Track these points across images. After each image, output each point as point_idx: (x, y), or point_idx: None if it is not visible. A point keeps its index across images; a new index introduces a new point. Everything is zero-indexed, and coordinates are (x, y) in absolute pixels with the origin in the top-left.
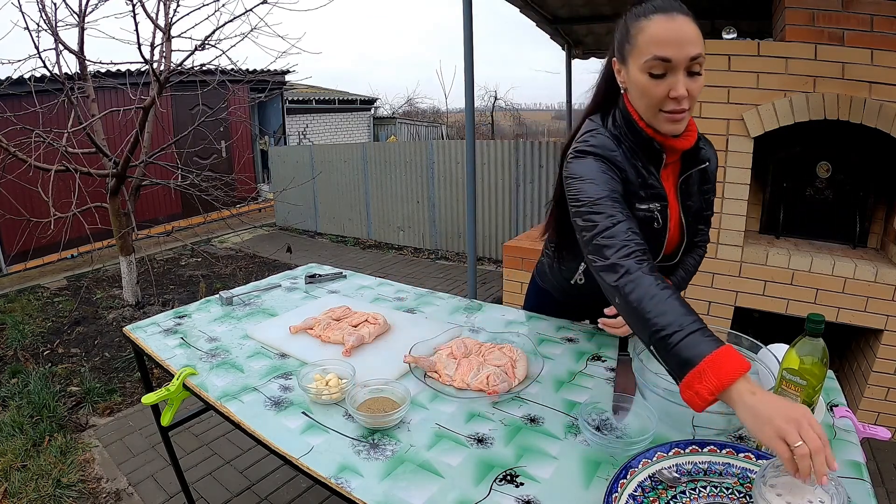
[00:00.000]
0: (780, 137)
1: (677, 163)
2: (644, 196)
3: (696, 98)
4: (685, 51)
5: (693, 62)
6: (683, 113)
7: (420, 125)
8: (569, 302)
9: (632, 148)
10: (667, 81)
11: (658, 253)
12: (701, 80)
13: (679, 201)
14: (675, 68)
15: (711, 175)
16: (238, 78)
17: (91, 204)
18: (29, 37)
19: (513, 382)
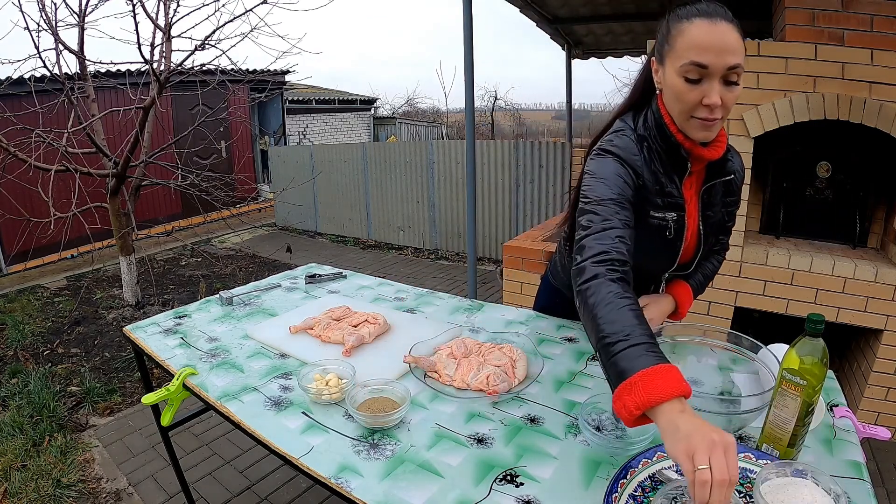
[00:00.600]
0: (780, 137)
1: (702, 171)
2: (661, 204)
3: (730, 108)
4: (723, 59)
5: (730, 71)
6: (715, 121)
7: (420, 125)
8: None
9: (657, 151)
10: (701, 88)
11: (673, 261)
12: (737, 91)
13: (699, 211)
14: (712, 75)
15: (737, 188)
16: (238, 78)
17: (91, 204)
18: (29, 37)
19: (513, 382)
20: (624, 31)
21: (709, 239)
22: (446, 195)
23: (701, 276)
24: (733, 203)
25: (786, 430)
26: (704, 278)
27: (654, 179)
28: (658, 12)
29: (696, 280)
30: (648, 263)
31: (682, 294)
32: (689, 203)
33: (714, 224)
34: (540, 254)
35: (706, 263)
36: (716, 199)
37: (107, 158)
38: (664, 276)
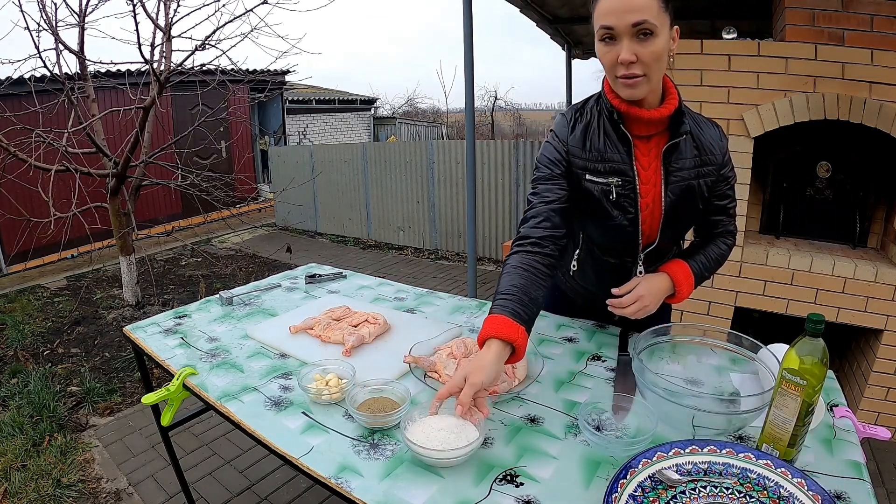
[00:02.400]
0: (780, 137)
1: (663, 135)
2: (601, 170)
3: (651, 63)
4: (626, 18)
5: (637, 27)
6: (637, 78)
7: (420, 125)
8: (575, 297)
9: (603, 122)
10: (615, 48)
11: (635, 230)
12: (653, 45)
13: (662, 175)
14: (620, 35)
15: (711, 154)
16: (238, 78)
17: (91, 204)
18: (29, 37)
19: (513, 382)
20: None
21: (675, 209)
22: (446, 195)
23: (703, 257)
24: (711, 173)
25: (786, 429)
26: (708, 260)
27: (589, 145)
28: None
29: (697, 261)
30: (610, 234)
31: (679, 272)
32: (648, 169)
33: (680, 190)
34: None
35: (710, 246)
36: (681, 164)
37: (107, 158)
38: (640, 253)
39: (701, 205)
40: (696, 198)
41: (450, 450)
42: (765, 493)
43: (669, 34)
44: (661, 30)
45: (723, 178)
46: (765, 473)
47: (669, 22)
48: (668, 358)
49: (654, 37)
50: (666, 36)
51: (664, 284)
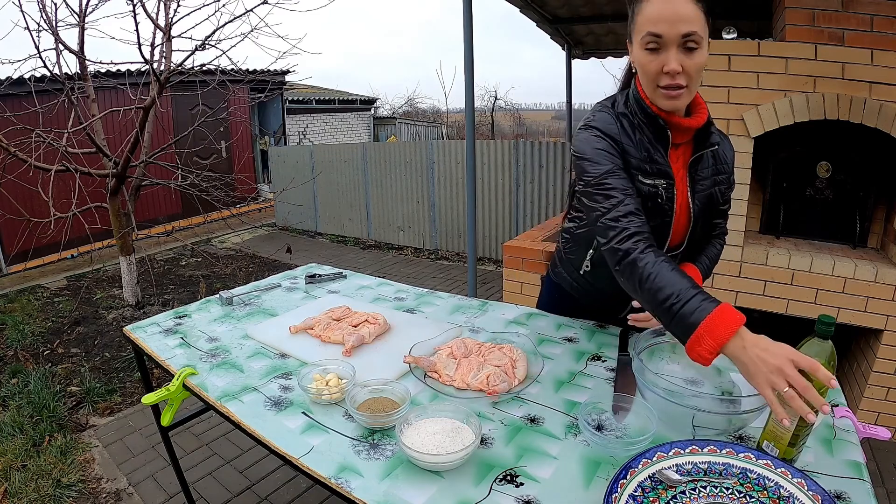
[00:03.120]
0: (780, 137)
1: (689, 145)
2: (650, 171)
3: (694, 75)
4: (676, 28)
5: (686, 39)
6: (680, 89)
7: (420, 125)
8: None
9: (639, 125)
10: (661, 57)
11: (665, 236)
12: (699, 58)
13: (689, 185)
14: (668, 44)
15: (725, 164)
16: (238, 78)
17: (91, 204)
18: (29, 37)
19: (513, 382)
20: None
21: (700, 216)
22: (446, 195)
23: (707, 259)
24: (724, 181)
25: (787, 429)
26: (709, 262)
27: (639, 146)
28: None
29: (703, 264)
30: None
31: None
32: (677, 176)
33: (704, 199)
34: (540, 254)
35: (709, 247)
36: (705, 173)
37: (107, 158)
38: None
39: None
40: (714, 204)
41: (445, 454)
42: (765, 494)
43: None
44: (705, 42)
45: (731, 184)
46: (765, 473)
47: (709, 34)
48: (668, 358)
49: (700, 49)
50: (706, 49)
51: None
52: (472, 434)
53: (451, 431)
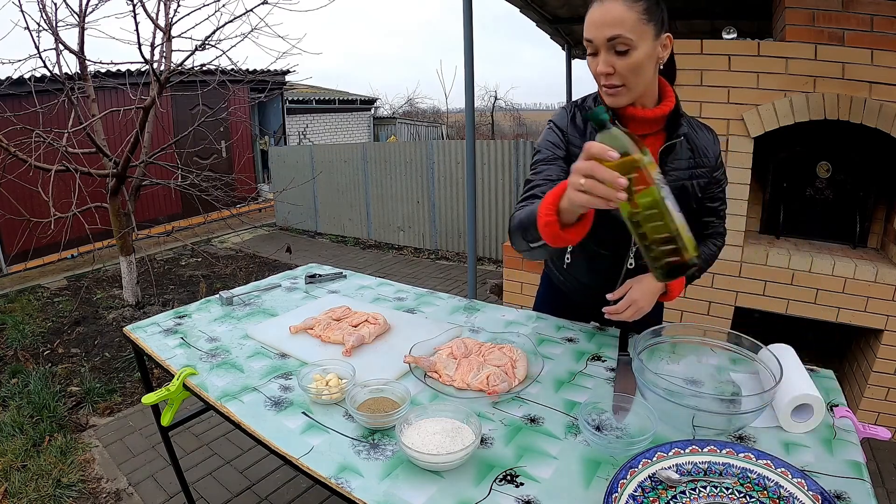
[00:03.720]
0: (780, 137)
1: (660, 136)
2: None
3: (628, 75)
4: (602, 32)
5: (613, 42)
6: (616, 88)
7: (420, 125)
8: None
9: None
10: (596, 59)
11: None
12: (630, 59)
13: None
14: (599, 48)
15: (704, 157)
16: (238, 78)
17: (91, 204)
18: (29, 37)
19: (513, 382)
20: None
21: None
22: (446, 195)
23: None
24: (704, 175)
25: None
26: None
27: (585, 138)
28: None
29: None
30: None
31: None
32: None
33: (679, 191)
34: None
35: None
36: (677, 164)
37: (107, 158)
38: (631, 249)
39: (694, 205)
40: (689, 198)
41: (445, 454)
42: (765, 493)
43: (655, 43)
44: (640, 42)
45: (715, 180)
46: (765, 473)
47: (654, 32)
48: (668, 358)
49: (632, 50)
50: (647, 47)
51: (657, 286)
52: (472, 434)
53: (451, 431)
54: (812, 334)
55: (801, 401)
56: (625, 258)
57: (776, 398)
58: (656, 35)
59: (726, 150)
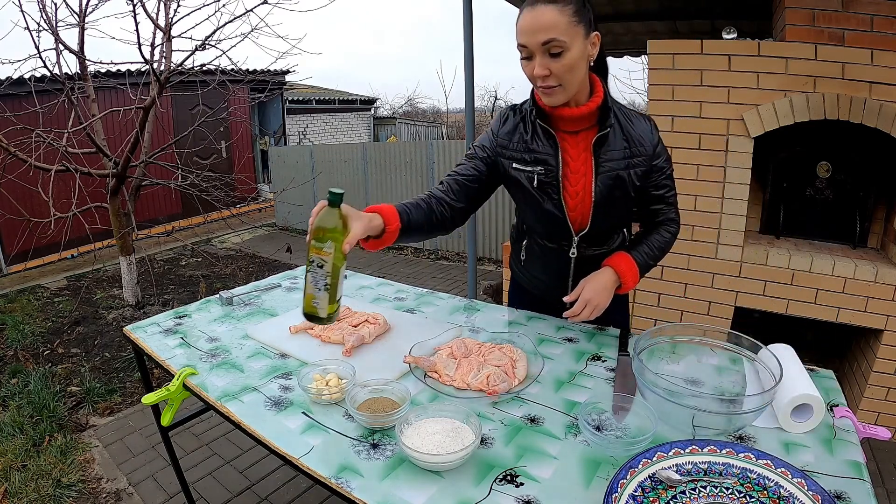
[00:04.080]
0: (780, 137)
1: (593, 131)
2: (527, 160)
3: (563, 75)
4: (536, 37)
5: (547, 45)
6: (553, 88)
7: (420, 125)
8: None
9: (533, 117)
10: (531, 63)
11: (560, 214)
12: (565, 60)
13: (594, 168)
14: (533, 52)
15: (640, 146)
16: (238, 78)
17: (91, 204)
18: (29, 37)
19: (513, 382)
20: (624, 31)
21: (604, 198)
22: None
23: (646, 247)
24: (642, 164)
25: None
26: (651, 249)
27: (516, 137)
28: (657, 12)
29: (641, 251)
30: (540, 218)
31: (622, 264)
32: (577, 160)
33: (610, 180)
34: None
35: (653, 235)
36: (611, 155)
37: (107, 158)
38: (574, 237)
39: (633, 193)
40: (626, 187)
41: (445, 454)
42: (765, 493)
43: (586, 42)
44: (573, 43)
45: (656, 168)
46: (765, 473)
47: (584, 32)
48: (668, 358)
49: (565, 51)
50: (580, 47)
51: (609, 279)
52: (472, 434)
53: (451, 431)
54: (812, 334)
55: (801, 401)
56: (568, 249)
57: (776, 398)
58: (586, 35)
59: (726, 151)
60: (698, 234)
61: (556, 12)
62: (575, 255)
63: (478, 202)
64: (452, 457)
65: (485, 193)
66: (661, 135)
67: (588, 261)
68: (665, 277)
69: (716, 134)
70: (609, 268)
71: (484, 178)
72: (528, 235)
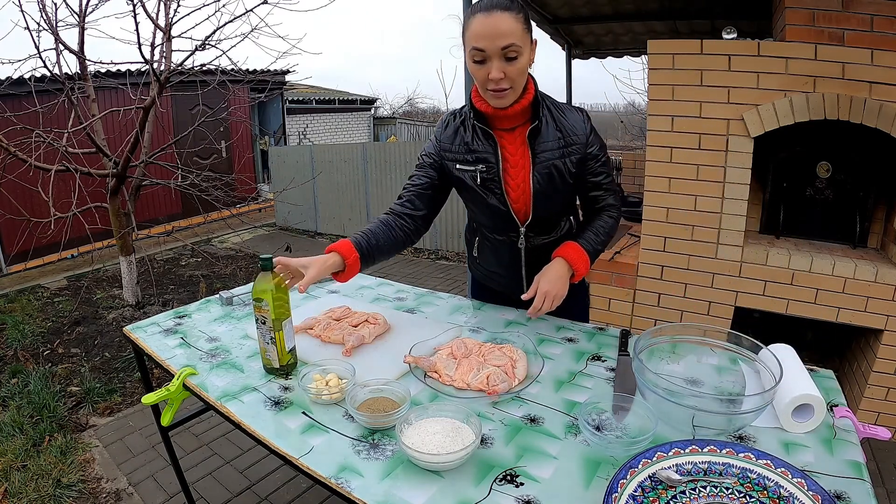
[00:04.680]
0: (780, 137)
1: (526, 126)
2: (469, 160)
3: (516, 78)
4: (496, 43)
5: (505, 50)
6: (505, 91)
7: (420, 125)
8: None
9: (470, 120)
10: (486, 67)
11: (505, 208)
12: (519, 63)
13: (531, 161)
14: (490, 56)
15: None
16: (238, 78)
17: (91, 204)
18: (29, 37)
19: (513, 382)
20: (624, 31)
21: (543, 188)
22: None
23: (591, 233)
24: (576, 152)
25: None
26: (597, 234)
27: (457, 140)
28: (657, 12)
29: (587, 238)
30: (486, 213)
31: (571, 253)
32: (515, 154)
33: (546, 170)
34: None
35: (596, 221)
36: (545, 146)
37: (107, 158)
38: (520, 228)
39: (571, 180)
40: (563, 175)
41: (445, 454)
42: (765, 493)
43: (531, 48)
44: (525, 49)
45: (590, 156)
46: (765, 473)
47: (530, 38)
48: (668, 358)
49: (519, 56)
50: (528, 52)
51: (562, 269)
52: (472, 434)
53: (451, 431)
54: (812, 334)
55: (802, 401)
56: (516, 240)
57: (776, 398)
58: (531, 41)
59: (726, 150)
60: (698, 234)
61: (512, 19)
62: (524, 246)
63: (438, 206)
64: (452, 457)
65: (442, 196)
66: (661, 135)
67: (538, 250)
68: (665, 277)
69: (716, 134)
70: (560, 258)
71: (437, 183)
72: (478, 232)
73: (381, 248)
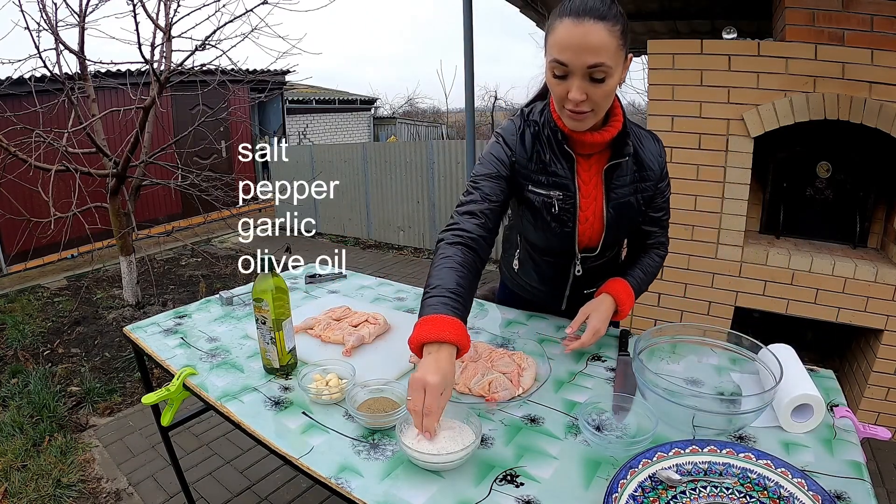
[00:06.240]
0: (780, 137)
1: (605, 153)
2: (545, 182)
3: (600, 101)
4: (582, 58)
5: (592, 69)
6: (584, 114)
7: (420, 125)
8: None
9: (546, 136)
10: (566, 83)
11: (570, 240)
12: (606, 87)
13: (604, 193)
14: (573, 73)
15: (650, 171)
16: (238, 78)
17: (91, 204)
18: (29, 37)
19: (516, 391)
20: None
21: (615, 224)
22: (446, 195)
23: (640, 272)
24: (648, 189)
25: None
26: (644, 274)
27: (534, 157)
28: (657, 12)
29: (636, 276)
30: (548, 241)
31: (622, 293)
32: (589, 184)
33: (620, 207)
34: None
35: (644, 259)
36: (622, 181)
37: (107, 158)
38: (576, 259)
39: (640, 218)
40: (633, 210)
41: (445, 454)
42: (765, 493)
43: (624, 67)
44: (616, 69)
45: (659, 191)
46: (765, 473)
47: (625, 55)
48: (668, 358)
49: (608, 77)
50: (619, 73)
51: (610, 307)
52: (473, 434)
53: (451, 431)
54: (812, 334)
55: (802, 401)
56: (570, 266)
57: (776, 398)
58: (625, 58)
59: (726, 151)
60: (698, 234)
61: (606, 32)
62: (580, 273)
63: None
64: (452, 457)
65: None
66: (661, 135)
67: (588, 272)
68: (665, 277)
69: (716, 134)
70: (609, 297)
71: (508, 198)
72: (523, 247)
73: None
